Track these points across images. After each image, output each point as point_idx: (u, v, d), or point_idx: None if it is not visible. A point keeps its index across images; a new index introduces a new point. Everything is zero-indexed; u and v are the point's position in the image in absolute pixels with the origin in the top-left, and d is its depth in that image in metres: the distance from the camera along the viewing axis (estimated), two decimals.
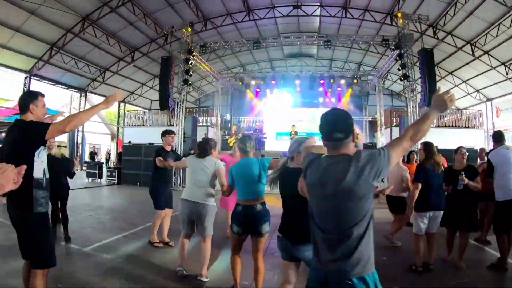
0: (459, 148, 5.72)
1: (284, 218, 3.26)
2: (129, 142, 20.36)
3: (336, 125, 2.12)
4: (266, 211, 4.11)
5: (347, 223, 2.00)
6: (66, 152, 6.78)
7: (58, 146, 6.57)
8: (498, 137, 5.80)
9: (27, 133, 3.13)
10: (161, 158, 6.01)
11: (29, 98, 3.34)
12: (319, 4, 18.63)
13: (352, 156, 2.04)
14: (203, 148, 4.91)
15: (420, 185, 5.30)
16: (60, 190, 6.43)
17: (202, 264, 4.77)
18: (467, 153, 5.66)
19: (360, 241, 1.98)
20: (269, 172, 4.02)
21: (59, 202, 6.56)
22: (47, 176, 3.36)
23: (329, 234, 2.07)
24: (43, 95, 3.44)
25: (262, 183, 4.11)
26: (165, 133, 6.62)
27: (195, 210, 4.75)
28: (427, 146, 5.59)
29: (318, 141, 2.94)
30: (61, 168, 6.38)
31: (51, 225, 3.49)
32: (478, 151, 9.55)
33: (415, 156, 7.91)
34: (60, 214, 6.63)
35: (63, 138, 19.06)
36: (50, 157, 5.29)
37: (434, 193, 5.36)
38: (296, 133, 18.83)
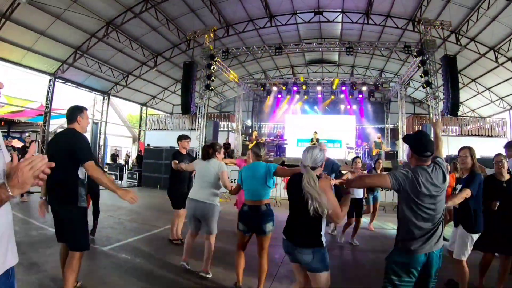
0: (496, 155, 4.92)
1: (289, 221, 3.41)
2: (148, 145, 20.59)
3: (427, 147, 2.99)
4: (270, 211, 4.39)
5: (441, 211, 3.00)
6: None
7: None
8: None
9: (73, 153, 3.78)
10: (176, 161, 6.38)
11: (77, 111, 4.05)
12: (340, 10, 18.57)
13: (437, 163, 3.06)
14: (206, 151, 5.36)
15: (470, 194, 4.34)
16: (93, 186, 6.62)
17: (205, 260, 5.08)
18: (503, 160, 4.85)
19: (443, 223, 3.05)
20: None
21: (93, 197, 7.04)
22: (86, 178, 4.01)
23: (431, 223, 2.95)
24: (87, 109, 4.19)
25: (268, 186, 4.37)
26: (180, 138, 7.04)
27: (199, 208, 5.12)
28: (474, 151, 4.76)
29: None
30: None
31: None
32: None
33: None
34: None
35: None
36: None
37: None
38: (317, 140, 18.75)
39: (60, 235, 3.92)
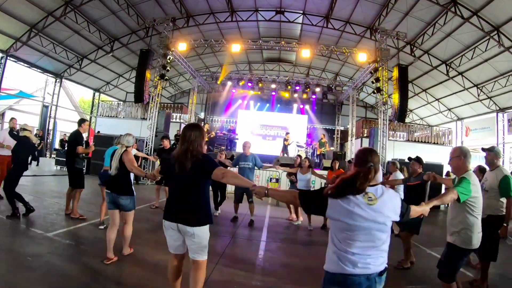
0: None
1: (113, 181, 5.06)
2: (98, 132, 20.16)
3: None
4: None
5: None
6: (30, 135, 7.57)
7: (23, 129, 7.46)
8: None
9: (73, 142, 7.50)
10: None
11: (82, 121, 7.85)
12: (302, 12, 18.94)
13: None
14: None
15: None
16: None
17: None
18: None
19: None
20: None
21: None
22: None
23: None
24: (88, 121, 8.16)
25: None
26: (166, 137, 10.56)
27: None
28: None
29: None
30: (25, 148, 7.40)
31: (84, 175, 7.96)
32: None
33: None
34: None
35: (34, 124, 18.69)
36: (18, 137, 7.42)
37: None
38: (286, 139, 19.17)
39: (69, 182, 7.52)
